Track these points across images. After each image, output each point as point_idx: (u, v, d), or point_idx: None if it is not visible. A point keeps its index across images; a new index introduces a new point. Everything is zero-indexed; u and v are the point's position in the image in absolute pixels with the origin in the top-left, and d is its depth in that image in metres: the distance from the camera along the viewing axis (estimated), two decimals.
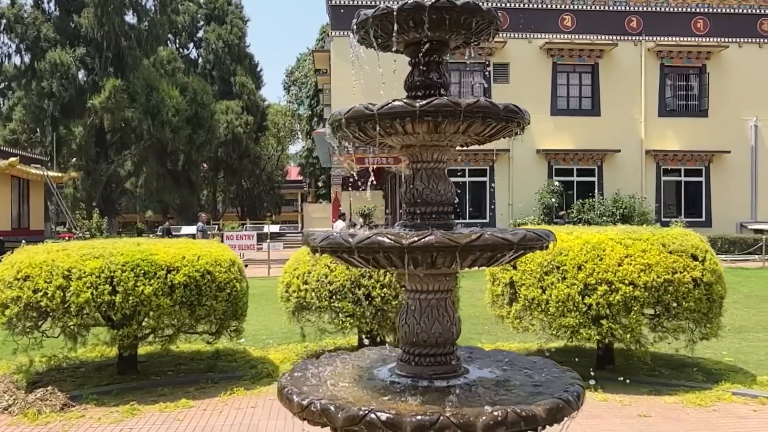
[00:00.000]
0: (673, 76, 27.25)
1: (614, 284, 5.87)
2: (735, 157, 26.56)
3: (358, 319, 6.54)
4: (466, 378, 2.68)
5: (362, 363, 2.97)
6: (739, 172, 26.67)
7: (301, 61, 54.64)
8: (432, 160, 2.96)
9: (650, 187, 26.48)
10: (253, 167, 44.56)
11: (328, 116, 27.90)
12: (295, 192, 63.73)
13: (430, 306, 2.76)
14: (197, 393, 6.15)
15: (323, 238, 2.61)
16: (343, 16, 25.99)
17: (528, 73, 26.21)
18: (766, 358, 7.48)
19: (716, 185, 26.83)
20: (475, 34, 2.91)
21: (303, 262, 6.95)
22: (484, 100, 2.63)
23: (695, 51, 26.65)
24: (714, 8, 26.98)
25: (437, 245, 2.35)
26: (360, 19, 2.92)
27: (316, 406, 2.28)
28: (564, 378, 2.62)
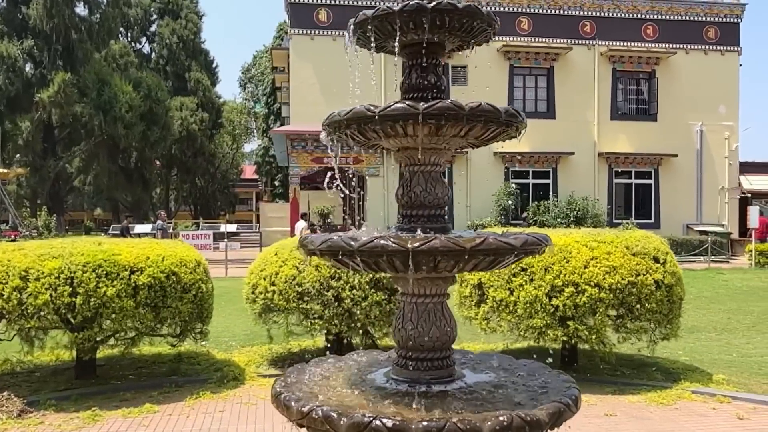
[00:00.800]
0: (624, 81, 28.01)
1: (580, 286, 5.98)
2: (682, 160, 27.47)
3: (327, 321, 6.49)
4: (463, 382, 2.68)
5: (354, 367, 2.94)
6: (685, 175, 27.60)
7: (258, 58, 53.95)
8: (429, 163, 2.95)
9: (603, 189, 27.16)
10: (207, 165, 43.79)
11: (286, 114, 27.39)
12: (249, 191, 62.93)
13: (427, 310, 2.75)
14: (161, 397, 6.00)
15: (323, 241, 2.57)
16: (302, 14, 25.82)
17: (486, 75, 26.50)
18: (719, 357, 7.75)
19: (664, 188, 27.68)
20: (473, 37, 2.91)
21: (270, 263, 6.86)
22: (486, 104, 2.63)
23: (645, 56, 27.45)
24: (663, 15, 27.85)
25: (442, 250, 2.34)
26: (358, 19, 2.88)
27: (318, 413, 2.23)
28: (558, 381, 2.65)
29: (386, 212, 26.12)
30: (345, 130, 2.78)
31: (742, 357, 7.73)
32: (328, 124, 2.89)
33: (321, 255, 2.63)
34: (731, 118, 28.09)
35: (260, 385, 6.52)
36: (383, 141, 2.91)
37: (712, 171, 27.96)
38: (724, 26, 28.12)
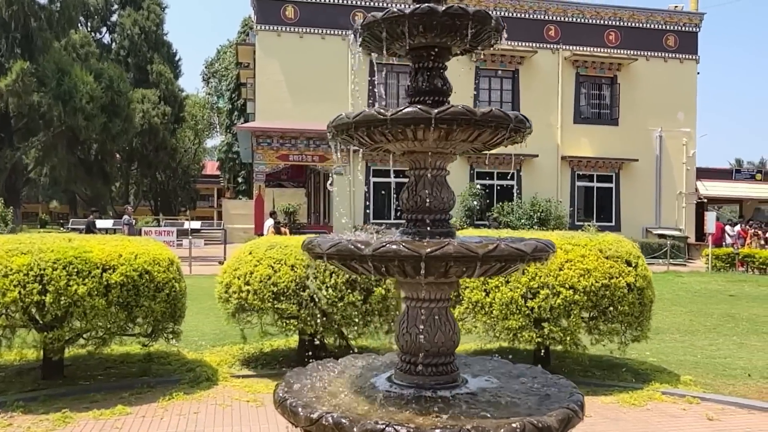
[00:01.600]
0: (587, 85, 28.55)
1: (555, 288, 6.07)
2: (642, 165, 28.16)
3: (302, 321, 6.44)
4: (467, 387, 2.68)
5: (354, 372, 2.91)
6: (645, 179, 28.30)
7: (222, 53, 53.20)
8: (435, 167, 2.94)
9: (565, 191, 27.64)
10: (169, 160, 42.95)
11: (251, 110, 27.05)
12: (211, 187, 62.03)
13: (432, 315, 2.74)
14: (133, 399, 5.86)
15: (331, 245, 2.53)
16: (268, 10, 25.56)
17: (452, 76, 26.57)
18: (684, 358, 7.96)
19: (625, 191, 28.33)
20: (480, 42, 2.92)
21: (245, 263, 6.76)
22: (496, 110, 2.64)
23: (608, 62, 28.04)
24: (625, 22, 28.48)
25: (455, 255, 2.34)
26: (367, 21, 2.85)
27: (328, 420, 2.20)
28: (560, 385, 2.67)
29: (352, 211, 26.09)
30: (353, 132, 2.75)
31: (707, 358, 7.96)
32: (335, 126, 2.85)
33: (328, 259, 2.60)
34: (689, 124, 28.90)
35: (234, 385, 6.43)
36: (389, 144, 2.89)
37: (671, 176, 28.73)
38: (683, 35, 28.92)
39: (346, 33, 25.84)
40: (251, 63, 31.81)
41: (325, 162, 26.03)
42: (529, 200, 26.02)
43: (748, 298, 14.56)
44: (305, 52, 25.49)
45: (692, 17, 29.14)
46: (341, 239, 2.55)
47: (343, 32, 25.86)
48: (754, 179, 33.14)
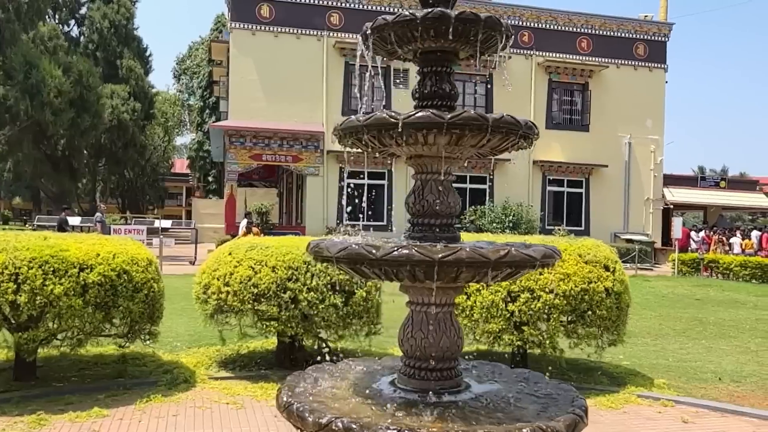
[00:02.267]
0: (559, 91, 28.93)
1: (536, 292, 6.14)
2: (611, 171, 28.61)
3: (283, 323, 6.39)
4: (471, 392, 2.69)
5: (355, 376, 2.90)
6: (614, 185, 28.77)
7: (194, 49, 52.62)
8: (441, 172, 2.94)
9: (536, 196, 27.95)
10: (138, 157, 42.25)
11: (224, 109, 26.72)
12: (180, 185, 61.31)
13: (437, 319, 2.74)
14: (110, 401, 5.75)
15: (341, 248, 2.52)
16: (243, 8, 25.33)
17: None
18: (656, 361, 8.12)
19: (594, 196, 28.77)
20: (488, 48, 2.93)
21: (224, 263, 6.69)
22: (508, 116, 2.66)
23: (579, 68, 28.44)
24: (596, 30, 28.94)
25: (468, 261, 2.34)
26: (377, 24, 2.84)
27: (338, 425, 2.19)
28: (561, 390, 2.70)
29: (325, 212, 25.99)
30: (362, 135, 2.74)
31: (678, 362, 8.13)
32: (343, 129, 2.84)
33: (337, 262, 2.58)
34: (657, 132, 29.49)
35: (212, 387, 6.35)
36: (396, 148, 2.88)
37: (639, 182, 29.26)
38: (652, 44, 29.50)
39: (322, 33, 25.86)
40: (225, 61, 31.50)
41: (299, 162, 25.92)
42: (501, 204, 26.27)
43: (713, 303, 14.92)
44: (280, 52, 25.33)
45: (661, 27, 29.75)
46: (351, 243, 2.53)
47: (319, 32, 25.80)
48: (718, 186, 33.97)
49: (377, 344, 7.72)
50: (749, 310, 13.77)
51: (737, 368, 7.93)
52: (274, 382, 6.46)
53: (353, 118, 2.79)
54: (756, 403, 6.37)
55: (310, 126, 25.49)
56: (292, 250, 6.53)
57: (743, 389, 6.91)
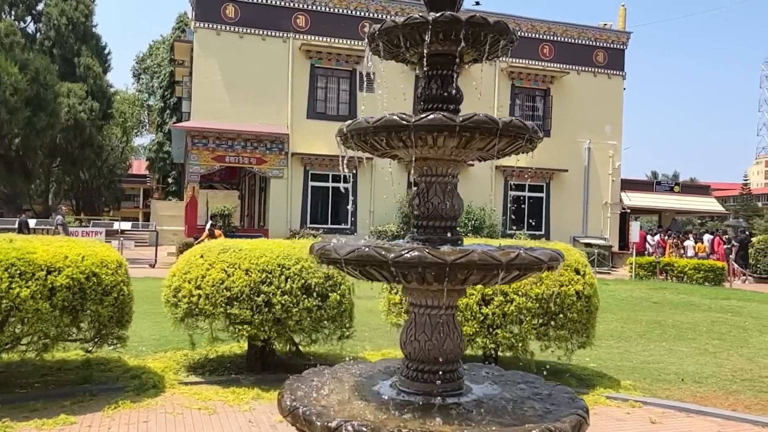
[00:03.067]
0: (522, 97, 29.38)
1: (509, 295, 6.21)
2: (571, 175, 29.18)
3: (256, 327, 6.32)
4: (473, 394, 2.70)
5: (354, 379, 2.88)
6: (574, 189, 29.34)
7: (155, 48, 51.65)
8: (447, 174, 2.95)
9: (498, 200, 28.30)
10: (95, 158, 41.16)
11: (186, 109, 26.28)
12: (137, 186, 60.10)
13: (440, 322, 2.75)
14: (76, 407, 5.59)
15: (350, 250, 2.50)
16: (208, 7, 25.01)
17: (393, 83, 26.87)
18: (621, 363, 8.30)
19: (555, 201, 29.28)
20: (493, 52, 2.95)
21: (195, 266, 6.58)
22: (517, 120, 2.68)
23: (542, 74, 28.95)
24: (558, 37, 29.50)
25: (480, 263, 2.36)
26: (385, 26, 2.83)
27: (348, 429, 2.17)
28: (559, 391, 2.74)
29: (288, 215, 25.80)
30: (371, 137, 2.73)
31: (642, 364, 8.33)
32: (351, 130, 2.82)
33: (346, 264, 2.57)
34: (615, 137, 30.19)
35: (182, 393, 6.24)
36: (401, 150, 2.88)
37: (597, 187, 29.90)
38: (611, 51, 30.23)
39: (288, 35, 25.71)
40: (188, 61, 31.01)
41: (263, 164, 25.68)
42: (464, 208, 26.48)
43: (670, 305, 15.33)
44: (245, 53, 25.09)
45: (620, 35, 30.50)
46: (360, 246, 2.53)
47: (285, 34, 25.64)
48: (672, 191, 34.96)
49: (348, 348, 7.70)
50: (704, 313, 14.19)
51: (698, 369, 8.17)
52: (246, 386, 6.39)
53: (362, 119, 2.78)
54: (718, 403, 6.57)
55: (275, 128, 25.30)
56: (266, 253, 6.47)
57: (705, 390, 7.11)
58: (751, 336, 11.11)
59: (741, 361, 8.80)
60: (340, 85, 26.66)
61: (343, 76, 26.61)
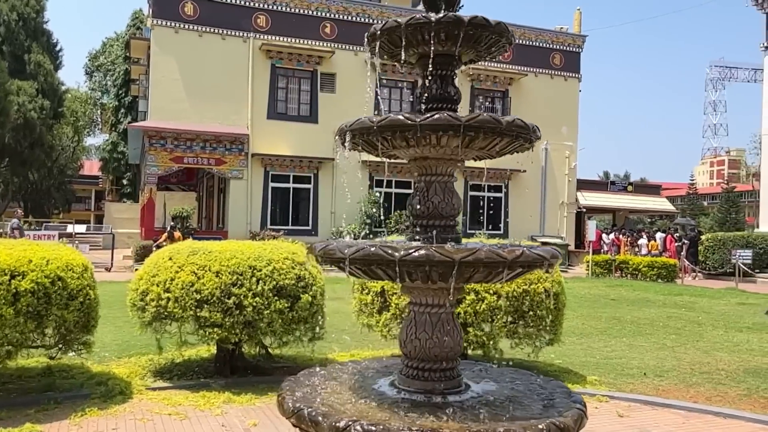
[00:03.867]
0: (482, 98, 29.74)
1: (480, 293, 6.29)
2: (529, 176, 29.66)
3: (226, 329, 6.24)
4: (473, 392, 2.73)
5: (352, 379, 2.87)
6: (531, 189, 29.84)
7: (108, 45, 50.37)
8: (446, 174, 2.97)
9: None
10: (45, 158, 39.97)
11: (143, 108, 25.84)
12: (89, 188, 58.62)
13: (441, 320, 2.77)
14: (41, 415, 5.42)
15: (356, 249, 2.49)
16: (166, 4, 24.55)
17: (354, 84, 26.89)
18: (585, 359, 8.49)
19: (513, 201, 29.75)
20: (491, 53, 2.98)
21: (164, 269, 6.46)
22: (519, 120, 2.71)
23: (501, 76, 29.37)
24: (516, 39, 29.87)
25: (486, 261, 2.39)
26: (388, 26, 2.82)
27: (358, 429, 2.16)
28: (554, 386, 2.80)
29: (248, 216, 25.51)
30: (375, 136, 2.72)
31: (605, 359, 8.53)
32: (353, 129, 2.80)
33: (351, 264, 2.56)
34: (571, 138, 30.84)
35: (151, 398, 6.12)
36: (402, 150, 2.88)
37: (554, 186, 30.50)
38: (567, 54, 30.88)
39: (248, 34, 25.43)
40: (144, 59, 30.40)
41: (222, 165, 25.34)
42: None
43: (627, 302, 15.74)
44: (204, 52, 24.72)
45: (576, 38, 31.18)
46: (365, 245, 2.52)
47: (245, 33, 25.36)
48: (626, 191, 35.93)
49: (317, 350, 7.66)
50: (659, 308, 14.62)
51: (658, 363, 8.41)
52: (216, 391, 6.30)
53: (365, 118, 2.78)
54: (680, 395, 6.78)
55: (235, 128, 25.00)
56: (237, 254, 6.40)
57: (667, 383, 7.33)
58: (705, 330, 11.49)
59: (698, 355, 9.10)
60: (301, 86, 26.51)
61: (304, 76, 26.47)
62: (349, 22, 26.88)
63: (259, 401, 6.07)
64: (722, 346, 9.91)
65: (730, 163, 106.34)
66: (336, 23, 26.68)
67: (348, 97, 26.53)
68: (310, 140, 25.97)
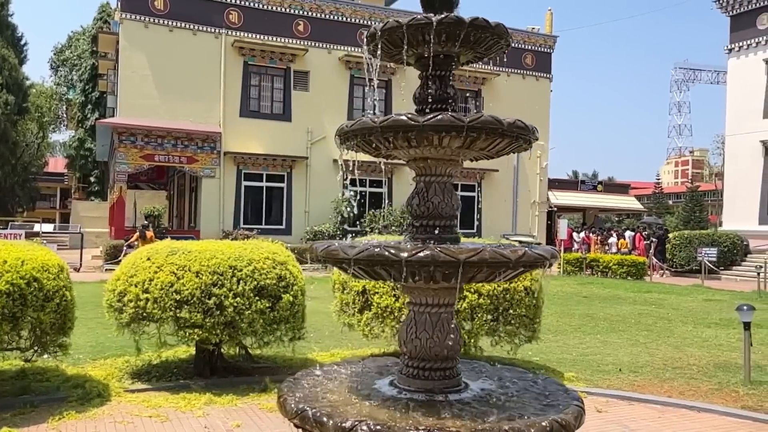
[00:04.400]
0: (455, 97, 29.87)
1: (462, 292, 6.33)
2: (501, 175, 29.97)
3: (207, 330, 6.17)
4: (472, 390, 2.75)
5: (351, 379, 2.87)
6: (504, 188, 30.13)
7: (74, 39, 49.33)
8: (445, 174, 2.98)
9: None
10: (8, 155, 39.03)
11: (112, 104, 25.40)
12: (53, 186, 57.36)
13: (441, 320, 2.78)
14: (18, 419, 5.31)
15: (360, 250, 2.49)
16: None
17: (327, 82, 26.82)
18: (561, 356, 8.62)
19: (486, 199, 30.00)
20: (489, 53, 2.99)
21: (142, 269, 6.37)
22: (520, 122, 2.73)
23: (473, 76, 29.56)
24: None
25: (491, 261, 2.41)
26: (388, 26, 2.81)
27: (364, 429, 2.16)
28: (550, 384, 2.83)
29: (221, 215, 25.25)
30: (378, 136, 2.71)
31: (581, 356, 8.67)
32: (356, 130, 2.79)
33: (355, 264, 2.56)
34: (542, 138, 31.13)
35: (129, 401, 6.03)
36: (401, 150, 2.88)
37: (526, 186, 30.84)
38: (539, 54, 31.25)
39: (220, 30, 25.15)
40: (112, 53, 29.85)
41: (194, 164, 25.06)
42: (399, 207, 26.73)
43: (599, 299, 16.01)
44: (175, 47, 24.38)
45: (547, 39, 31.57)
46: (371, 245, 2.53)
47: (217, 30, 25.09)
48: (595, 190, 36.50)
49: (297, 350, 7.63)
50: (631, 305, 14.90)
51: (632, 359, 8.57)
52: (197, 392, 6.23)
53: (366, 119, 2.77)
54: (654, 390, 6.93)
55: (207, 126, 24.74)
56: (217, 254, 6.34)
57: (641, 379, 7.48)
58: (675, 326, 11.74)
59: (670, 351, 9.30)
60: (274, 84, 26.34)
61: (277, 74, 26.30)
62: (323, 20, 26.80)
63: (241, 402, 6.02)
64: (692, 341, 10.14)
65: (694, 163, 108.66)
66: (309, 21, 26.56)
67: (322, 96, 26.47)
68: (283, 138, 25.84)
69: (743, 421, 5.97)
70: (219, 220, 25.27)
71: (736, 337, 10.49)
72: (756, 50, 29.99)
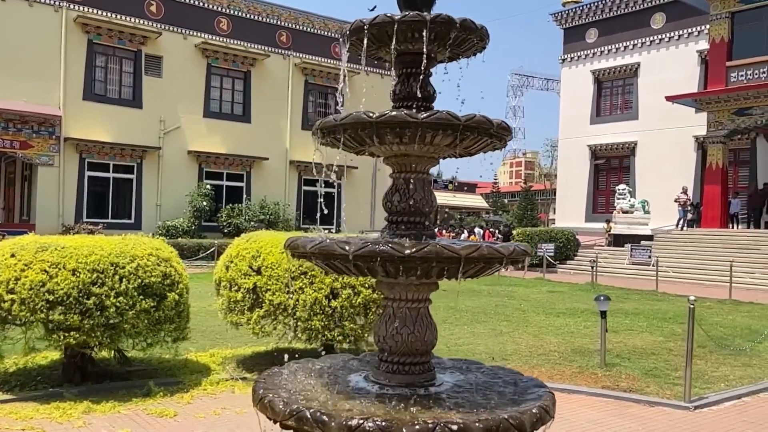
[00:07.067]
0: (315, 93, 29.88)
1: (356, 288, 6.39)
2: (361, 172, 30.43)
3: (85, 333, 5.67)
4: (449, 383, 2.78)
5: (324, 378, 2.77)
6: (364, 186, 30.64)
7: None
8: (424, 171, 2.96)
9: (293, 195, 28.50)
10: None
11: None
12: None
13: (420, 315, 2.78)
14: None
15: (359, 247, 2.40)
16: None
17: (182, 70, 25.59)
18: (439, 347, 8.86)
19: (347, 196, 30.31)
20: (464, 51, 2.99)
21: (6, 267, 5.71)
22: (504, 122, 2.77)
23: (333, 72, 29.70)
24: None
25: (489, 256, 2.44)
26: (354, 26, 2.72)
27: (370, 426, 2.10)
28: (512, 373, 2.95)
29: (61, 208, 23.16)
30: (371, 132, 2.62)
31: (455, 346, 9.08)
32: (346, 125, 2.66)
33: (355, 260, 2.47)
34: None
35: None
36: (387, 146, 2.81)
37: (384, 184, 31.57)
38: None
39: (60, 3, 22.98)
40: None
41: (29, 149, 22.78)
42: (259, 202, 26.24)
43: (455, 292, 16.86)
44: (7, 18, 21.94)
45: None
46: (368, 241, 2.46)
47: (56, 2, 22.91)
48: (447, 189, 38.35)
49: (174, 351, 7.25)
50: (487, 298, 15.86)
51: (501, 348, 9.15)
52: (71, 400, 5.71)
53: (362, 113, 2.68)
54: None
55: (44, 108, 22.55)
56: (95, 250, 5.85)
57: (513, 365, 7.97)
58: (530, 316, 12.69)
59: (531, 339, 10.04)
60: (123, 67, 24.63)
61: (126, 56, 24.62)
62: (178, 3, 25.52)
63: (124, 408, 5.61)
64: (548, 330, 11.02)
65: (526, 164, 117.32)
66: (163, 2, 25.15)
67: (176, 83, 25.22)
68: (133, 126, 24.25)
69: (607, 400, 6.63)
70: (58, 213, 23.18)
71: (584, 325, 11.60)
72: (585, 62, 33.18)
